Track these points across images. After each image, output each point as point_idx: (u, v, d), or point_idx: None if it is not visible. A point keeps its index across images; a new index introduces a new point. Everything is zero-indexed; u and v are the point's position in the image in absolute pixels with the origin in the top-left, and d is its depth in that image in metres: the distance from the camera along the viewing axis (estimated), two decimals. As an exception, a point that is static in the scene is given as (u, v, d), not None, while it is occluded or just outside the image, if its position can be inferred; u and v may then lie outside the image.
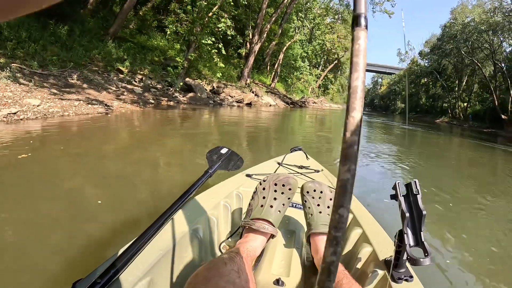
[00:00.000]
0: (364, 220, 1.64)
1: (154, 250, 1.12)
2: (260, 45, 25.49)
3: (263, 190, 1.41)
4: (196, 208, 1.49)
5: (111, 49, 13.17)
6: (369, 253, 1.39)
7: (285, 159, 2.67)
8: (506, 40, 33.71)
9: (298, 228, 1.67)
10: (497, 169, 8.25)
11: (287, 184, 1.40)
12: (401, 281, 1.14)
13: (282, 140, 9.16)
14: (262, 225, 1.30)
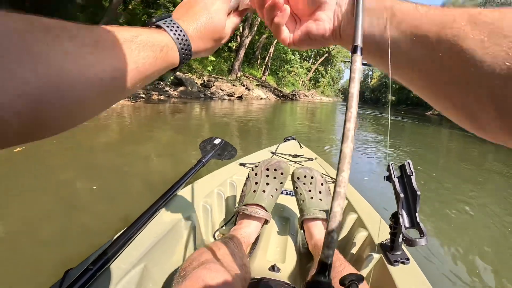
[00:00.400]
0: (359, 205, 1.64)
1: (147, 237, 1.11)
2: (250, 38, 25.45)
3: (255, 175, 1.41)
4: (190, 196, 1.49)
5: (100, 44, 13.03)
6: (364, 237, 1.39)
7: (279, 148, 2.68)
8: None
9: (293, 215, 1.67)
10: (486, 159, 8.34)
11: (279, 169, 1.40)
12: (397, 264, 1.14)
13: (274, 131, 9.21)
14: (255, 210, 1.29)
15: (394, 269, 1.13)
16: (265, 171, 1.41)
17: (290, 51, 38.31)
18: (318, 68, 55.86)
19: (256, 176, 1.41)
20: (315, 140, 7.73)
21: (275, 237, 1.50)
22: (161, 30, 0.56)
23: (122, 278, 0.92)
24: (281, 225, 1.59)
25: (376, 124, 15.54)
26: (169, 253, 1.19)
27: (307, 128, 10.44)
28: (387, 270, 1.13)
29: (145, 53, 0.49)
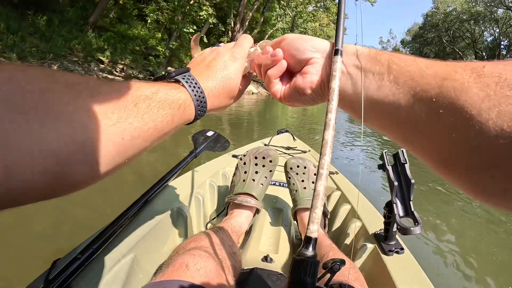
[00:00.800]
0: (352, 196, 1.65)
1: (138, 227, 1.11)
2: (242, 33, 25.39)
3: (244, 165, 1.41)
4: (182, 187, 1.49)
5: (91, 39, 12.96)
6: (358, 228, 1.40)
7: (272, 140, 2.69)
8: (487, 29, 34.23)
9: (285, 206, 1.68)
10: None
11: (267, 156, 1.40)
12: (392, 253, 1.15)
13: (266, 124, 9.31)
14: (245, 199, 1.30)
15: (388, 259, 1.14)
16: (254, 160, 1.41)
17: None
18: (309, 63, 56.07)
19: (245, 165, 1.41)
20: (307, 132, 7.79)
21: (268, 228, 1.49)
22: (179, 85, 0.56)
23: (111, 268, 0.92)
24: (274, 216, 1.59)
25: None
26: (160, 244, 1.19)
27: (299, 121, 10.49)
28: (381, 260, 1.14)
29: (164, 111, 0.50)
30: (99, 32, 13.91)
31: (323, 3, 42.56)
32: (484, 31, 34.78)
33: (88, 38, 12.91)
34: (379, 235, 1.25)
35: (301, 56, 0.59)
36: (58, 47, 11.18)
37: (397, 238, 1.21)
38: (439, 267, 2.46)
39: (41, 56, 10.04)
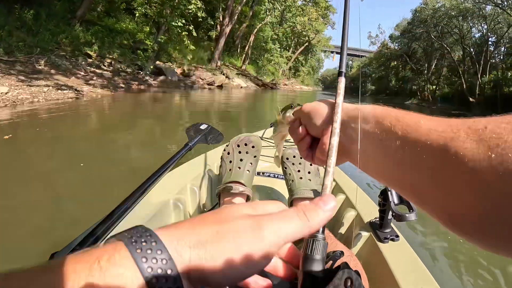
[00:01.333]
0: (347, 186, 1.69)
1: (135, 218, 1.13)
2: (231, 27, 25.29)
3: (228, 154, 1.45)
4: (177, 179, 1.52)
5: (78, 33, 12.82)
6: (353, 217, 1.44)
7: (266, 133, 2.70)
8: (475, 25, 34.44)
9: (281, 197, 1.71)
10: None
11: (249, 142, 1.44)
12: (387, 241, 1.18)
13: (257, 118, 9.29)
14: (234, 187, 1.32)
15: (384, 246, 1.17)
16: (237, 148, 1.44)
17: (270, 40, 38.18)
18: (298, 57, 55.78)
19: (229, 155, 1.44)
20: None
21: None
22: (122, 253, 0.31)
23: None
24: None
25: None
26: None
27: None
28: (377, 247, 1.17)
29: None
30: (87, 26, 13.74)
31: (312, -3, 42.55)
32: (472, 27, 34.94)
33: (75, 32, 12.77)
34: (374, 223, 1.28)
35: (317, 130, 0.66)
36: (45, 41, 11.04)
37: (392, 226, 1.23)
38: (434, 254, 2.53)
39: (28, 51, 9.92)
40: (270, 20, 36.50)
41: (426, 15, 39.09)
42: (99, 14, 16.01)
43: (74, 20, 13.21)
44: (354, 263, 0.97)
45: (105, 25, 15.24)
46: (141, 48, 15.29)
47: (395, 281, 1.02)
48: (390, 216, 1.17)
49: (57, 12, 13.00)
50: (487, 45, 32.15)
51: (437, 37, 38.40)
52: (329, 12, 50.86)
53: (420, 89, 45.97)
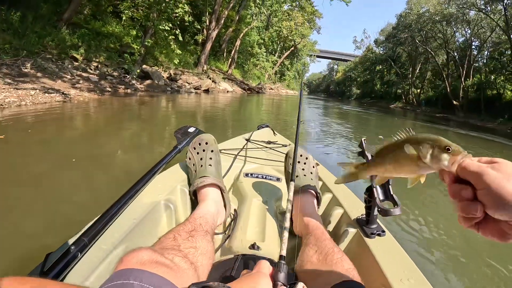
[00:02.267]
0: (334, 185, 1.76)
1: (127, 219, 1.18)
2: (217, 31, 25.33)
3: (190, 160, 1.56)
4: (167, 180, 1.58)
5: (65, 36, 12.74)
6: (340, 214, 1.51)
7: (253, 135, 2.78)
8: (459, 30, 35.03)
9: (270, 198, 1.75)
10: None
11: (201, 141, 1.56)
12: (374, 236, 1.24)
13: (244, 121, 9.51)
14: (200, 180, 1.42)
15: (371, 241, 1.23)
16: (193, 150, 1.56)
17: (256, 45, 38.31)
18: (284, 62, 56.00)
19: (191, 160, 1.55)
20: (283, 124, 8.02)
21: (253, 218, 1.54)
22: None
23: (104, 259, 0.97)
24: (259, 207, 1.65)
25: (342, 117, 15.95)
26: (149, 234, 1.25)
27: (274, 119, 10.72)
28: (364, 242, 1.23)
29: None
30: (73, 28, 13.63)
31: (298, 2, 42.76)
32: (456, 32, 35.55)
33: (62, 35, 12.67)
34: (361, 219, 1.34)
35: (506, 215, 0.48)
36: (32, 44, 10.94)
37: (378, 222, 1.29)
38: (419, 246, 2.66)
39: (14, 53, 9.82)
40: (256, 24, 36.61)
41: (410, 20, 39.70)
42: (86, 17, 15.88)
43: (61, 22, 13.11)
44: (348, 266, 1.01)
45: (92, 28, 15.15)
46: (128, 52, 15.25)
47: (383, 273, 1.07)
48: (376, 212, 1.23)
49: (44, 14, 12.88)
50: (470, 49, 32.69)
51: (421, 41, 39.01)
52: (315, 17, 51.17)
53: (405, 92, 46.66)
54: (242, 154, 2.28)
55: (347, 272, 0.96)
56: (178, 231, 1.08)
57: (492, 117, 26.23)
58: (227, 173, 1.91)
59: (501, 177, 0.48)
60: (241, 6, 28.64)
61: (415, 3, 41.08)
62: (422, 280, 1.06)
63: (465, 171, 0.53)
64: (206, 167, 1.48)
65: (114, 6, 17.86)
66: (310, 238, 1.16)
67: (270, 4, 38.40)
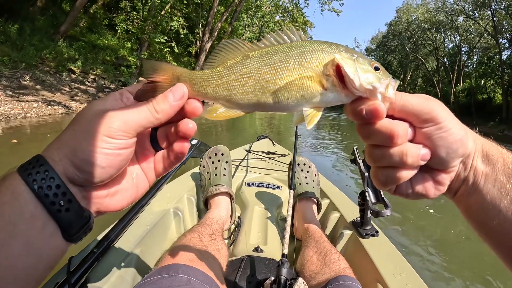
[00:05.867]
0: (330, 191, 1.86)
1: (140, 224, 1.28)
2: (211, 43, 25.46)
3: (204, 168, 1.65)
4: (175, 190, 1.69)
5: (62, 49, 12.87)
6: (337, 218, 1.60)
7: (253, 146, 2.86)
8: (448, 37, 35.53)
9: (271, 205, 1.81)
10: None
11: (218, 151, 1.66)
12: (368, 236, 1.33)
13: (240, 131, 9.79)
14: (214, 188, 1.51)
15: (365, 242, 1.31)
16: (209, 160, 1.65)
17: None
18: (276, 71, 56.39)
19: (205, 168, 1.64)
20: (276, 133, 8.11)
21: (256, 224, 1.62)
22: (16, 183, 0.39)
23: (122, 261, 1.06)
24: (261, 214, 1.72)
25: (334, 126, 16.09)
26: (160, 240, 1.35)
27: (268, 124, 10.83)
28: (359, 243, 1.31)
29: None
30: (70, 41, 13.76)
31: (289, 13, 43.03)
32: (445, 39, 36.10)
33: (59, 47, 12.80)
34: (356, 222, 1.43)
35: (446, 165, 0.47)
36: (30, 57, 11.05)
37: (372, 223, 1.38)
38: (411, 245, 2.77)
39: (13, 66, 9.94)
40: (248, 35, 36.79)
41: (400, 28, 40.14)
42: (82, 29, 16.03)
43: (58, 35, 13.24)
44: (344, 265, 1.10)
45: (88, 40, 15.28)
46: (124, 64, 15.33)
47: (377, 270, 1.16)
48: (369, 214, 1.32)
49: (41, 27, 13.02)
50: (460, 55, 33.11)
51: (411, 49, 39.48)
52: (306, 27, 51.55)
53: (398, 100, 47.19)
54: (243, 164, 2.38)
55: (343, 270, 1.05)
56: (201, 232, 1.17)
57: (483, 121, 26.60)
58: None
59: (450, 114, 0.46)
60: (234, 17, 28.78)
61: (404, 11, 41.62)
62: (412, 274, 1.15)
63: (408, 104, 0.45)
64: (221, 176, 1.57)
65: (109, 19, 18.00)
66: (310, 240, 1.27)
67: (262, 15, 38.71)
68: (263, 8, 37.35)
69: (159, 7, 15.71)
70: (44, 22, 13.49)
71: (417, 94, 0.47)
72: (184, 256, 0.89)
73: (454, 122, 0.45)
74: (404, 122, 0.45)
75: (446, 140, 0.45)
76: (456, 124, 0.45)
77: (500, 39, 27.07)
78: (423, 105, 0.45)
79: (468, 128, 0.49)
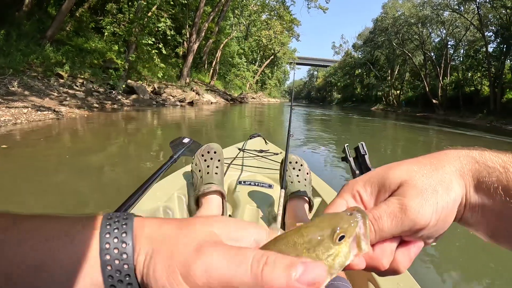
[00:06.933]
0: (323, 190, 1.87)
1: None
2: (198, 43, 25.41)
3: (196, 165, 1.62)
4: (165, 188, 1.68)
5: (49, 53, 12.80)
6: None
7: (246, 145, 2.86)
8: (434, 31, 35.93)
9: (263, 204, 1.81)
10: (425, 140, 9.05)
11: (211, 149, 1.63)
12: None
13: (231, 131, 9.74)
14: (206, 187, 1.48)
15: None
16: (201, 158, 1.61)
17: (237, 55, 38.50)
18: (264, 70, 56.23)
19: (197, 165, 1.61)
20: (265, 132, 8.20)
21: None
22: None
23: None
24: (253, 214, 1.72)
25: (324, 122, 16.18)
26: None
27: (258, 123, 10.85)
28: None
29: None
30: (57, 45, 13.70)
31: (276, 11, 43.15)
32: (432, 33, 36.48)
33: (46, 52, 12.72)
34: None
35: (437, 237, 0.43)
36: (17, 62, 10.97)
37: None
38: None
39: (0, 72, 9.85)
40: (235, 35, 36.86)
41: (386, 24, 40.57)
42: (68, 33, 15.95)
43: (44, 40, 13.16)
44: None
45: (75, 44, 15.22)
46: (112, 67, 15.28)
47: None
48: None
49: (27, 32, 12.93)
50: (446, 48, 33.43)
51: (398, 44, 39.87)
52: (293, 25, 51.63)
53: (385, 94, 47.46)
54: (236, 162, 2.38)
55: None
56: None
57: (471, 113, 26.93)
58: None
59: (418, 208, 0.39)
60: (220, 17, 28.81)
61: (390, 7, 42.03)
62: (404, 274, 1.07)
63: (384, 235, 0.40)
64: (213, 175, 1.55)
65: (95, 22, 17.92)
66: None
67: (248, 14, 38.82)
68: (249, 7, 37.50)
69: (145, 8, 15.61)
70: (31, 27, 13.36)
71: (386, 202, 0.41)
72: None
73: (440, 204, 0.40)
74: (384, 247, 0.41)
75: (436, 233, 0.42)
76: (442, 201, 0.40)
77: (486, 32, 27.37)
78: (399, 226, 0.40)
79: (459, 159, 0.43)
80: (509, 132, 16.76)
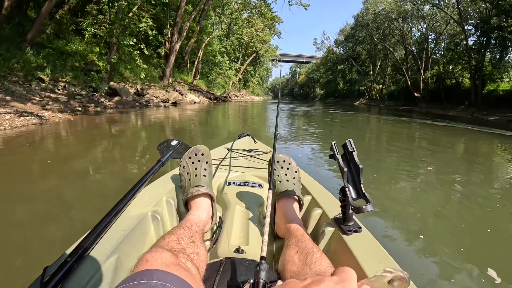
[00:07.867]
0: (312, 188, 1.85)
1: (118, 230, 1.22)
2: (180, 43, 25.28)
3: (184, 168, 1.61)
4: (153, 193, 1.64)
5: (29, 57, 12.59)
6: (319, 215, 1.57)
7: (234, 144, 2.85)
8: (415, 26, 36.37)
9: (253, 204, 1.80)
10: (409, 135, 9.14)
11: (198, 151, 1.62)
12: (351, 233, 1.29)
13: (216, 130, 9.68)
14: (194, 189, 1.48)
15: (348, 238, 1.26)
16: (189, 160, 1.61)
17: (219, 53, 38.43)
18: (247, 68, 56.18)
19: (185, 168, 1.60)
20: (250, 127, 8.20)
21: (237, 224, 1.59)
22: None
23: (98, 269, 1.02)
24: (243, 214, 1.69)
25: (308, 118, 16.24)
26: (139, 245, 1.30)
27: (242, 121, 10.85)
28: (342, 240, 1.27)
29: None
30: (37, 49, 13.49)
31: (257, 9, 43.10)
32: (412, 28, 36.91)
33: (26, 56, 12.52)
34: (338, 218, 1.39)
35: None
36: (-2, 67, 10.74)
37: (355, 219, 1.35)
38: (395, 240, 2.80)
39: (-20, 78, 9.67)
40: (217, 33, 36.78)
41: (368, 19, 40.94)
42: (49, 36, 15.72)
43: (25, 43, 12.94)
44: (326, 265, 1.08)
45: (56, 47, 15.00)
46: (94, 70, 15.12)
47: (360, 267, 1.12)
48: (351, 210, 1.28)
49: (7, 35, 12.73)
50: (427, 43, 33.84)
51: (379, 39, 40.28)
52: (274, 22, 51.67)
53: (368, 89, 47.93)
54: (224, 163, 2.37)
55: (325, 270, 1.04)
56: (180, 235, 1.15)
57: (453, 105, 27.31)
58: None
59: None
60: (202, 16, 28.70)
61: (371, 2, 42.35)
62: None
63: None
64: (201, 177, 1.54)
65: (76, 24, 17.71)
66: (291, 239, 1.25)
67: (230, 12, 38.74)
68: (230, 6, 37.40)
69: (126, 9, 15.46)
70: (10, 31, 13.14)
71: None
72: (159, 261, 0.88)
73: None
74: None
75: None
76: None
77: (466, 25, 27.72)
78: None
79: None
80: (490, 123, 17.00)
